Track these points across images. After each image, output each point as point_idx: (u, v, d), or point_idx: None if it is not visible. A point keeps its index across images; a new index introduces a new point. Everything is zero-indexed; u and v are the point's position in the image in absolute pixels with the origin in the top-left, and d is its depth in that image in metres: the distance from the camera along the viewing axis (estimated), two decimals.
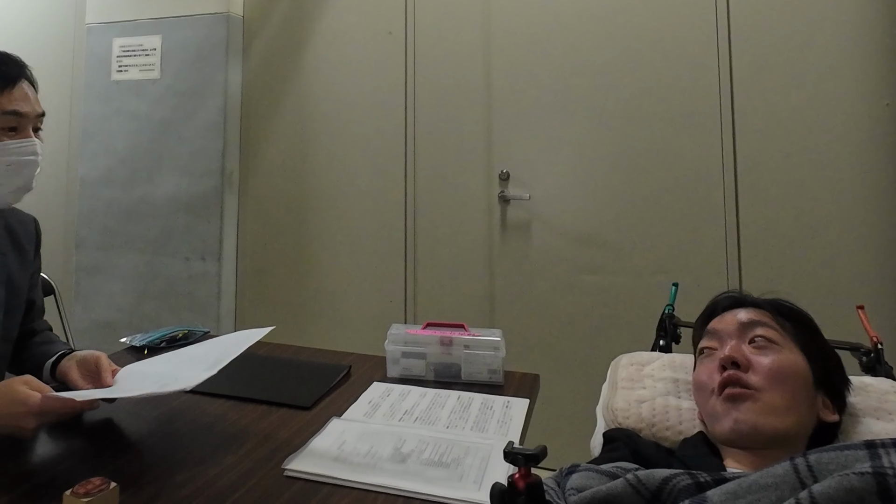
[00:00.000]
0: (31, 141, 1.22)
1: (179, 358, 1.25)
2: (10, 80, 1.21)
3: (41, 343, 1.38)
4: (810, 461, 0.59)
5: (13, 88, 1.20)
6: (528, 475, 0.65)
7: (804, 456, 0.60)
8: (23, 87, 1.22)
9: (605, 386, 1.21)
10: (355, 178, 2.90)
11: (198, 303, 2.93)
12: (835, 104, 2.29)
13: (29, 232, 1.39)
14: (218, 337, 1.29)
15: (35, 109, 1.24)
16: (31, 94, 1.24)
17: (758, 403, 0.91)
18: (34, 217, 1.43)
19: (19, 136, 1.21)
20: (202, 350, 1.25)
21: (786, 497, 0.56)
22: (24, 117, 1.21)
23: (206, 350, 1.24)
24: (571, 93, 2.60)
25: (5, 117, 1.18)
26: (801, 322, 1.02)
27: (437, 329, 1.44)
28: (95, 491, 0.78)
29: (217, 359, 1.10)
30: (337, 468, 0.97)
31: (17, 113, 1.19)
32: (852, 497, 0.53)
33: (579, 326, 2.55)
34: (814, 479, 0.57)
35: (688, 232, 2.43)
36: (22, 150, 1.20)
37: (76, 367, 1.24)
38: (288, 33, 3.03)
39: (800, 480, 0.58)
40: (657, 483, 0.69)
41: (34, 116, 1.23)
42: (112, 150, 3.06)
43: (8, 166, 1.19)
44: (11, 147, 1.19)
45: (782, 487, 0.58)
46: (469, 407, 1.23)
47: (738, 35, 2.40)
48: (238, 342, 1.18)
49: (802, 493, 0.55)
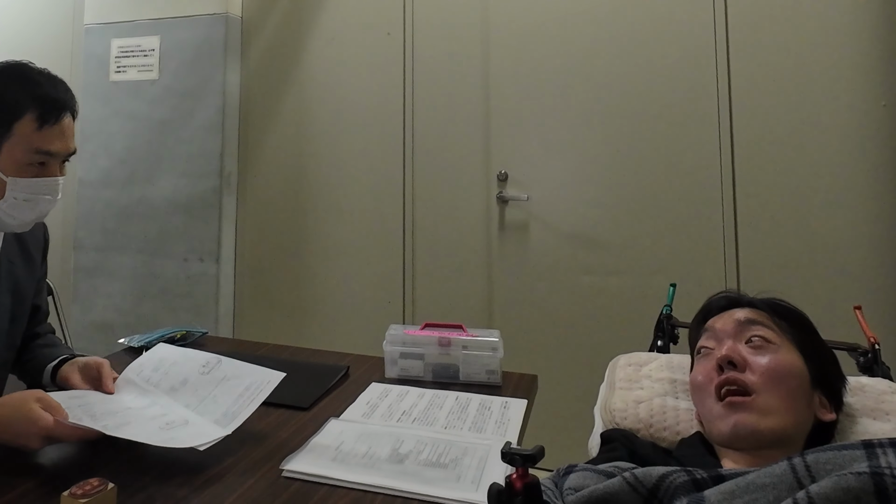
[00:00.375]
0: (55, 180, 1.18)
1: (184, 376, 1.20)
2: (55, 115, 1.15)
3: (44, 346, 1.37)
4: (808, 461, 0.59)
5: (54, 124, 1.15)
6: (526, 475, 0.65)
7: (802, 456, 0.60)
8: (63, 124, 1.17)
9: (603, 386, 1.21)
10: (354, 179, 2.90)
11: (196, 304, 2.93)
12: (832, 105, 2.30)
13: (37, 238, 1.37)
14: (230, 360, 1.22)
15: (68, 148, 1.19)
16: (70, 130, 1.20)
17: (756, 406, 0.91)
18: (43, 222, 1.40)
19: (45, 173, 1.17)
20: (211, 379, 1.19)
21: (783, 497, 0.56)
22: (54, 157, 1.17)
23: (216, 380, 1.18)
24: (570, 94, 2.61)
25: (36, 155, 1.15)
26: (798, 321, 1.02)
27: (435, 330, 1.44)
28: (93, 492, 0.78)
29: (231, 411, 1.08)
30: (335, 469, 0.97)
31: (48, 153, 1.16)
32: (849, 497, 0.53)
33: (578, 327, 2.55)
34: (811, 478, 0.57)
35: (686, 232, 2.44)
36: (43, 189, 1.17)
37: (78, 373, 1.23)
38: (286, 34, 3.04)
39: (797, 480, 0.58)
40: (654, 480, 0.69)
41: (65, 155, 1.19)
42: (110, 151, 3.06)
43: (25, 201, 1.16)
44: (33, 184, 1.16)
45: (780, 487, 0.58)
46: (467, 407, 1.24)
47: (736, 36, 2.41)
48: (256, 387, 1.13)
49: (800, 493, 0.55)
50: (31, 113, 1.13)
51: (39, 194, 1.17)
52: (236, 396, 1.13)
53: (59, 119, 1.16)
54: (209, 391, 1.16)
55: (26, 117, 1.13)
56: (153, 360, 1.28)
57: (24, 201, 1.16)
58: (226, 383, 1.17)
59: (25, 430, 0.96)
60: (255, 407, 1.09)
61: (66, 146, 1.19)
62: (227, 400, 1.13)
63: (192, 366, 1.24)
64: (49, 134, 1.15)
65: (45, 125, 1.14)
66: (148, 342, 1.54)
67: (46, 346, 1.37)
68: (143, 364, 1.27)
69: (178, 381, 1.20)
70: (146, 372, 1.25)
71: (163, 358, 1.28)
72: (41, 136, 1.14)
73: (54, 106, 1.15)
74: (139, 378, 1.23)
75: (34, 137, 1.14)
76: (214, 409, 1.11)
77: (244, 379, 1.17)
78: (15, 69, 1.20)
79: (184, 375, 1.21)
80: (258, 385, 1.15)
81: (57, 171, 1.19)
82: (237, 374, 1.19)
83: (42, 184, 1.17)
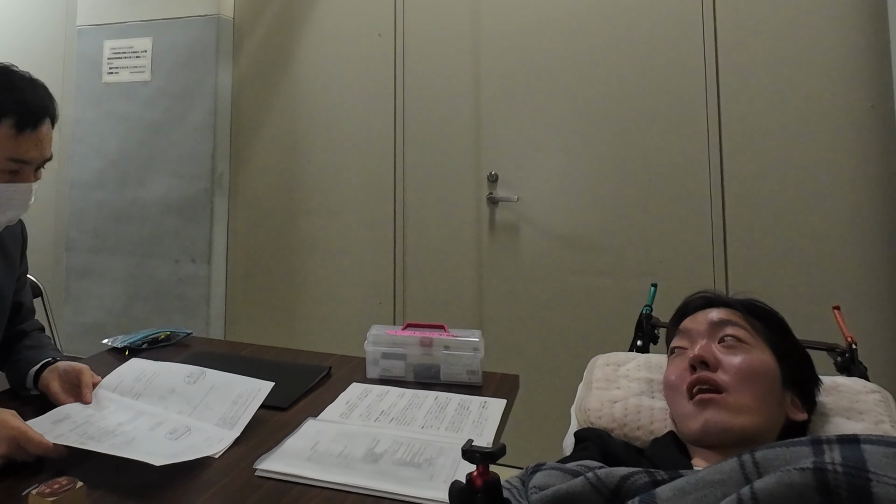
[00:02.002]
0: (28, 187, 1.18)
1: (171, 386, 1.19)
2: (33, 122, 1.13)
3: (30, 347, 1.35)
4: (756, 458, 0.59)
5: (32, 132, 1.13)
6: (486, 473, 0.66)
7: (751, 453, 0.60)
8: (41, 131, 1.15)
9: (581, 386, 1.21)
10: (345, 180, 2.91)
11: (187, 305, 2.93)
12: (820, 106, 2.30)
13: (15, 235, 1.36)
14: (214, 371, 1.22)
15: (44, 156, 1.18)
16: (47, 137, 1.18)
17: (727, 404, 0.92)
18: (20, 219, 1.39)
19: (17, 179, 1.16)
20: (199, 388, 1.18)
21: (731, 493, 0.57)
22: (29, 164, 1.16)
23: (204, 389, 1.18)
24: (560, 95, 2.61)
25: (10, 163, 1.13)
26: (772, 322, 1.03)
27: (417, 330, 1.44)
28: (61, 491, 0.79)
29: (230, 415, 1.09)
30: (309, 468, 0.97)
31: (23, 161, 1.14)
32: (792, 492, 0.53)
33: (567, 327, 2.55)
34: (759, 475, 0.57)
35: (674, 234, 2.44)
36: (15, 194, 1.17)
37: (57, 380, 1.21)
38: (278, 35, 3.04)
39: (745, 477, 0.58)
40: (616, 481, 0.70)
41: (40, 161, 1.18)
42: (102, 153, 3.07)
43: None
44: (4, 190, 1.15)
45: (728, 484, 0.59)
46: (445, 407, 1.24)
47: (725, 37, 2.41)
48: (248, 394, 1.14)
49: (744, 488, 0.55)
50: (10, 119, 1.12)
51: (12, 198, 1.17)
52: (230, 403, 1.14)
53: (37, 126, 1.14)
54: (200, 399, 1.16)
55: (4, 123, 1.12)
56: (132, 372, 1.26)
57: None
58: (216, 392, 1.18)
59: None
60: (253, 412, 1.10)
61: (42, 154, 1.17)
62: (222, 406, 1.13)
63: (175, 376, 1.23)
64: (26, 141, 1.13)
65: (22, 132, 1.12)
66: (132, 342, 1.55)
67: (32, 347, 1.35)
68: (123, 375, 1.25)
69: (166, 391, 1.19)
70: (127, 382, 1.22)
71: (142, 370, 1.26)
72: (17, 143, 1.13)
73: (33, 112, 1.14)
74: (119, 390, 1.21)
75: (10, 144, 1.12)
76: (211, 416, 1.11)
77: (234, 388, 1.18)
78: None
79: (170, 385, 1.20)
80: (249, 393, 1.16)
81: (30, 178, 1.18)
82: (225, 384, 1.20)
83: (14, 190, 1.16)
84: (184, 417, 1.11)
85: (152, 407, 1.15)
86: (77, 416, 1.12)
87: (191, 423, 1.09)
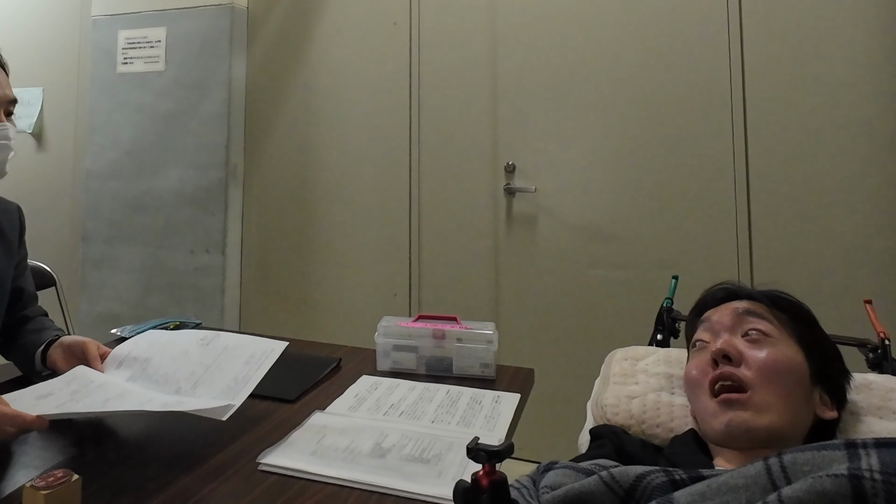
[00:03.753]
0: (3, 125, 1.19)
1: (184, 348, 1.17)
2: None
3: (33, 331, 1.35)
4: (784, 461, 0.55)
5: None
6: (493, 472, 0.62)
7: (779, 456, 0.56)
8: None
9: (598, 381, 1.17)
10: (360, 170, 2.87)
11: (202, 295, 2.92)
12: (848, 98, 2.22)
13: (12, 221, 1.37)
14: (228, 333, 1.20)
15: (6, 94, 1.20)
16: (3, 78, 1.20)
17: (751, 403, 0.86)
18: (18, 205, 1.41)
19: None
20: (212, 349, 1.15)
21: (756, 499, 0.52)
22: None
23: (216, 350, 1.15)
24: (578, 84, 2.55)
25: None
26: (798, 314, 0.97)
27: (429, 322, 1.41)
28: (56, 483, 0.76)
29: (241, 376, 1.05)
30: (313, 463, 0.94)
31: None
32: (824, 501, 0.48)
33: (585, 321, 2.50)
34: (787, 480, 0.53)
35: (697, 225, 2.38)
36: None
37: (62, 355, 1.21)
38: (292, 24, 3.01)
39: (772, 482, 0.53)
40: (631, 480, 0.65)
41: (5, 102, 1.20)
42: (117, 143, 3.07)
43: None
44: None
45: (752, 489, 0.54)
46: (457, 402, 1.20)
47: (750, 25, 2.34)
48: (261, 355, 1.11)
49: (771, 495, 0.51)
50: None
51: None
52: (242, 363, 1.11)
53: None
54: (213, 360, 1.13)
55: None
56: (146, 338, 1.25)
57: None
58: (228, 352, 1.15)
59: None
60: (263, 374, 1.07)
61: (3, 92, 1.19)
62: (235, 366, 1.10)
63: (189, 339, 1.21)
64: None
65: None
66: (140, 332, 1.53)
67: (35, 330, 1.35)
68: (136, 342, 1.24)
69: (179, 352, 1.17)
70: (139, 349, 1.21)
71: (156, 338, 1.25)
72: None
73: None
74: (130, 356, 1.19)
75: None
76: (221, 378, 1.09)
77: (246, 348, 1.16)
78: None
79: (183, 347, 1.18)
80: (262, 353, 1.13)
81: (2, 118, 1.19)
82: (238, 344, 1.17)
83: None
84: (193, 379, 1.09)
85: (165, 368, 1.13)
86: (61, 392, 1.09)
87: (199, 381, 1.07)
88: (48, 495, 0.74)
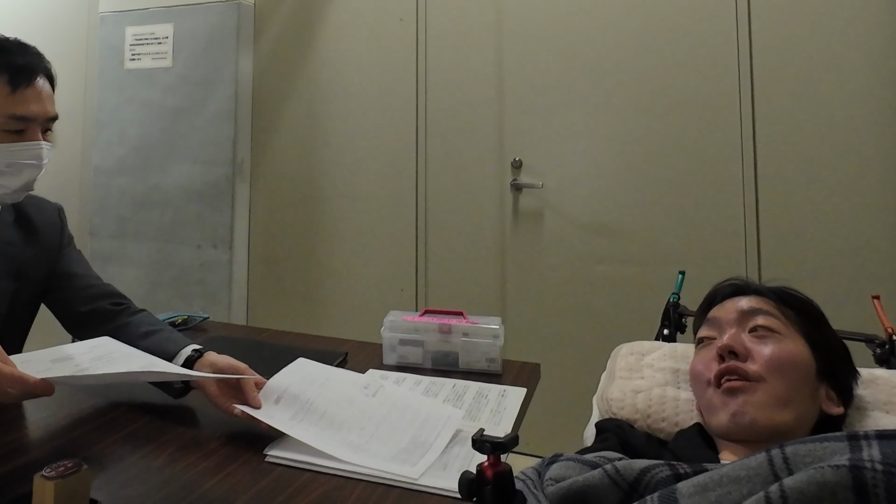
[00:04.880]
0: (37, 144, 1.14)
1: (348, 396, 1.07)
2: (25, 77, 1.11)
3: (147, 334, 1.19)
4: (786, 453, 0.55)
5: (27, 88, 1.11)
6: (498, 463, 0.62)
7: (781, 448, 0.56)
8: (37, 86, 1.13)
9: (604, 375, 1.17)
10: (366, 166, 2.88)
11: (209, 290, 2.94)
12: (856, 92, 2.20)
13: (50, 221, 1.32)
14: (393, 387, 1.15)
15: (46, 111, 1.15)
16: (46, 93, 1.15)
17: (756, 395, 0.86)
18: (59, 206, 1.37)
19: (24, 139, 1.13)
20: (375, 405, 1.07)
21: (758, 490, 0.52)
22: (32, 121, 1.13)
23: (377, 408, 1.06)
24: (585, 80, 2.55)
25: (12, 122, 1.11)
26: (805, 310, 0.97)
27: (435, 316, 1.41)
28: (66, 473, 0.77)
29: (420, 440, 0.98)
30: (319, 455, 0.95)
31: (24, 118, 1.12)
32: (824, 491, 0.49)
33: (590, 316, 2.50)
34: (789, 471, 0.53)
35: (704, 222, 2.37)
36: (25, 154, 1.13)
37: (214, 383, 1.07)
38: (299, 20, 3.02)
39: (774, 473, 0.54)
40: (635, 474, 0.65)
41: (44, 119, 1.15)
42: (125, 139, 3.08)
43: (8, 167, 1.12)
44: (14, 150, 1.12)
45: (755, 480, 0.54)
46: (463, 395, 1.21)
47: (760, 19, 2.32)
48: (433, 424, 1.03)
49: (773, 486, 0.51)
50: (2, 78, 1.11)
51: (21, 160, 1.13)
52: (418, 426, 1.02)
53: (31, 81, 1.12)
54: (382, 416, 1.04)
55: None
56: (300, 373, 1.13)
57: (5, 167, 1.12)
58: (399, 411, 1.06)
59: None
60: (445, 442, 0.98)
61: (44, 109, 1.14)
62: (410, 428, 1.02)
63: (350, 384, 1.12)
64: (23, 97, 1.11)
65: (17, 89, 1.11)
66: None
67: (147, 334, 1.19)
68: (290, 376, 1.12)
69: (342, 398, 1.07)
70: (297, 385, 1.09)
71: (310, 372, 1.14)
72: (15, 100, 1.11)
73: (25, 70, 1.12)
74: (288, 393, 1.07)
75: (8, 102, 1.10)
76: (396, 438, 0.99)
77: (420, 410, 1.07)
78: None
79: (346, 394, 1.08)
80: (439, 419, 1.04)
81: (38, 137, 1.15)
82: (409, 404, 1.08)
83: (22, 149, 1.13)
84: (364, 435, 1.00)
85: (326, 419, 1.02)
86: (80, 357, 1.02)
87: (372, 436, 0.99)
88: (58, 484, 0.75)
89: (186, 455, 0.94)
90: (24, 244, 1.26)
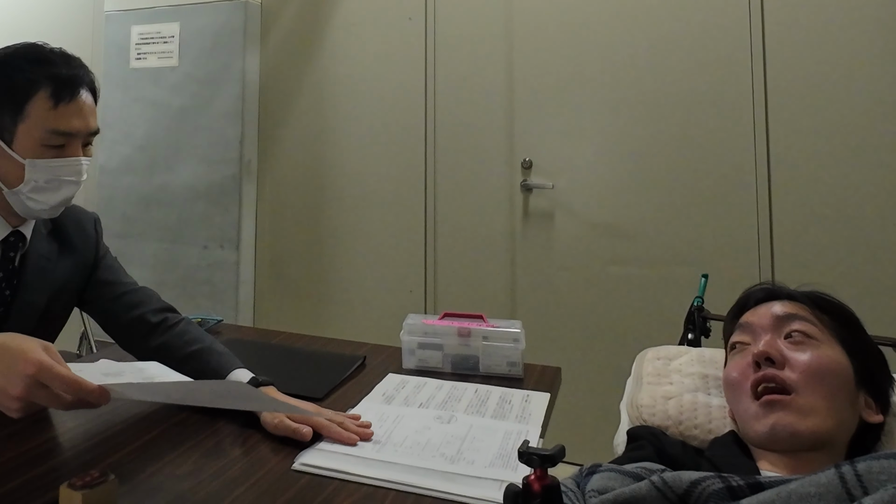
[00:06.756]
0: (77, 160, 1.11)
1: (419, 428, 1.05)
2: (69, 91, 1.08)
3: (199, 354, 1.18)
4: (859, 470, 0.53)
5: (70, 102, 1.08)
6: (545, 477, 0.60)
7: (852, 464, 0.54)
8: (80, 100, 1.10)
9: (630, 381, 1.15)
10: (374, 166, 2.86)
11: (216, 291, 2.92)
12: (870, 93, 2.19)
13: (86, 232, 1.29)
14: (457, 415, 1.11)
15: (88, 126, 1.12)
16: (89, 107, 1.12)
17: (795, 405, 0.85)
18: (95, 216, 1.34)
19: (65, 154, 1.10)
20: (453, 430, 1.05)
21: None
22: (74, 136, 1.10)
23: (456, 432, 1.04)
24: (596, 79, 2.53)
25: (53, 136, 1.08)
26: (842, 316, 0.95)
27: (454, 320, 1.39)
28: (93, 483, 0.75)
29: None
30: (347, 462, 0.93)
31: (66, 133, 1.09)
32: None
33: (604, 319, 2.48)
34: (863, 489, 0.51)
35: (717, 222, 2.35)
36: (65, 170, 1.10)
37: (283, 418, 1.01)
38: (306, 19, 3.00)
39: (847, 491, 0.52)
40: (685, 486, 0.64)
41: (85, 133, 1.12)
42: (131, 138, 3.06)
43: (47, 182, 1.09)
44: (54, 165, 1.09)
45: (827, 498, 0.52)
46: (486, 401, 1.19)
47: (772, 21, 2.31)
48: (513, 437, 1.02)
49: None
50: (45, 91, 1.07)
51: (61, 176, 1.10)
52: (499, 442, 1.01)
53: (74, 96, 1.09)
54: (463, 437, 1.03)
55: (40, 96, 1.07)
56: (373, 409, 1.12)
57: (45, 183, 1.09)
58: (478, 431, 1.05)
59: (9, 366, 0.81)
60: None
61: (86, 124, 1.11)
62: (493, 442, 1.01)
63: (422, 419, 1.09)
64: (65, 112, 1.08)
65: (60, 103, 1.07)
66: None
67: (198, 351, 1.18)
68: (364, 413, 1.10)
69: (420, 427, 1.06)
70: (371, 417, 1.07)
71: (383, 412, 1.11)
72: (57, 114, 1.07)
73: (68, 83, 1.09)
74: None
75: (49, 117, 1.07)
76: (481, 454, 0.97)
77: (498, 430, 1.05)
78: (27, 50, 1.14)
79: (422, 423, 1.07)
80: (518, 433, 1.04)
81: (78, 152, 1.12)
82: (485, 426, 1.07)
83: (62, 165, 1.10)
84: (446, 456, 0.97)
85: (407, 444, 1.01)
86: (132, 376, 1.02)
87: (456, 456, 0.97)
88: (85, 495, 0.74)
89: (211, 463, 0.92)
90: (58, 258, 1.23)
